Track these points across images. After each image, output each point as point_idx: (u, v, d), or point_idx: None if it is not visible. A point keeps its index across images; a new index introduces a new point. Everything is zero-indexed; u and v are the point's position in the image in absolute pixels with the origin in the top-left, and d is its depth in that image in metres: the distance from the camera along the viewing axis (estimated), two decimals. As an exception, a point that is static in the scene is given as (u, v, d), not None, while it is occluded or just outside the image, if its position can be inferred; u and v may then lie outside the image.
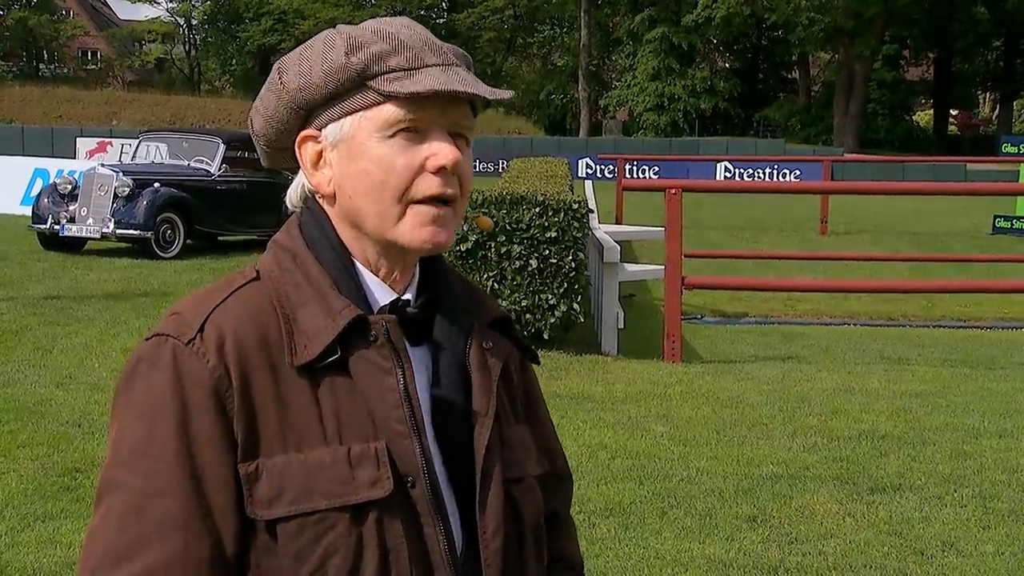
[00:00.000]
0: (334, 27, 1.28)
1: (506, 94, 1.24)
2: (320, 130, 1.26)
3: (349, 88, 1.23)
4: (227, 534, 1.17)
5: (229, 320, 1.21)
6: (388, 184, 1.22)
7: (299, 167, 1.30)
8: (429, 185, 1.23)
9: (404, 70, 1.21)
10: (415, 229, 1.23)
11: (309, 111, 1.26)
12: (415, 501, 1.21)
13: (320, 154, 1.27)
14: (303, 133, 1.27)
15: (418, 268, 1.32)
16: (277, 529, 1.17)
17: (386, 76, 1.21)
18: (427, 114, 1.22)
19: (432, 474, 1.23)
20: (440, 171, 1.22)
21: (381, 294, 1.28)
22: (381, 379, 1.22)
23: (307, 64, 1.24)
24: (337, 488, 1.18)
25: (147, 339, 1.23)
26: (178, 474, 1.16)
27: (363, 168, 1.23)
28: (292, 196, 1.33)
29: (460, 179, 1.25)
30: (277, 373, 1.21)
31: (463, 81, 1.21)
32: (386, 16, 1.30)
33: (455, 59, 1.25)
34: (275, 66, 1.29)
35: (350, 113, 1.23)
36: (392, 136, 1.22)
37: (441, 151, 1.22)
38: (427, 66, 1.22)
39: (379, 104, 1.22)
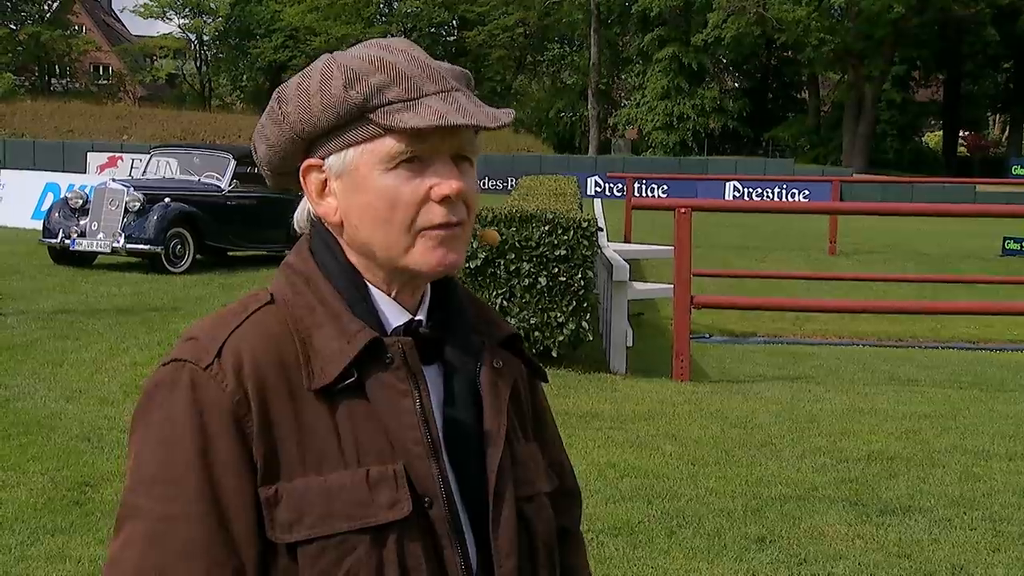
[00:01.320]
0: (331, 54, 1.27)
1: (507, 117, 1.23)
2: (323, 160, 1.26)
3: (349, 121, 1.22)
4: (248, 559, 1.17)
5: (246, 345, 1.22)
6: (393, 216, 1.22)
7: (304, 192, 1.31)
8: (435, 215, 1.23)
9: (403, 101, 1.20)
10: (425, 254, 1.23)
11: (311, 141, 1.26)
12: (434, 522, 1.21)
13: (325, 183, 1.27)
14: (307, 162, 1.27)
15: (429, 286, 1.32)
16: (298, 552, 1.18)
17: (386, 109, 1.20)
18: (428, 144, 1.22)
19: (450, 494, 1.23)
20: (444, 200, 1.22)
21: (394, 315, 1.28)
22: (398, 401, 1.22)
23: (306, 97, 1.24)
24: (357, 510, 1.18)
25: (164, 364, 1.23)
26: (198, 500, 1.16)
27: (368, 201, 1.23)
28: (299, 219, 1.34)
29: (466, 203, 1.25)
30: (295, 397, 1.21)
31: (463, 111, 1.20)
32: (397, 36, 1.29)
33: (455, 83, 1.24)
34: (275, 94, 1.29)
35: (351, 145, 1.23)
36: (394, 167, 1.22)
37: (445, 181, 1.22)
38: (426, 95, 1.21)
39: (380, 137, 1.21)
